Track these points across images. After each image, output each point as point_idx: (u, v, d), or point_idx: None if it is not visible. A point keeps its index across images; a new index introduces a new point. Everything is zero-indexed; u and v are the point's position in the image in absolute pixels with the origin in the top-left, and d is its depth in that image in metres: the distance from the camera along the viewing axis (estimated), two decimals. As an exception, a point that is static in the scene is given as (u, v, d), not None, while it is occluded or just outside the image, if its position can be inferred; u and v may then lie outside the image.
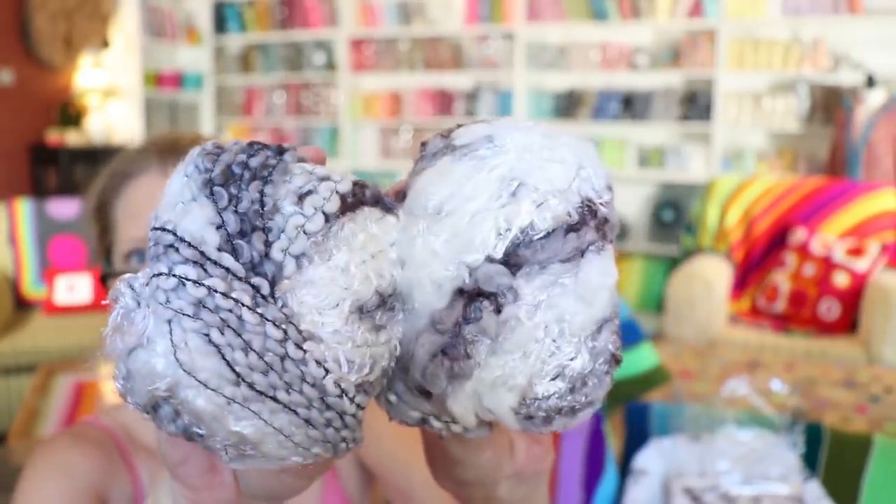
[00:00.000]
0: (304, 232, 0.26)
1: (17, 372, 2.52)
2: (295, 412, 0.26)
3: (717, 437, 1.28)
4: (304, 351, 0.26)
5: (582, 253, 0.29)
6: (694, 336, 2.65)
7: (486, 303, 0.28)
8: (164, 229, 0.27)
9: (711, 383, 1.75)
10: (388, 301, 0.28)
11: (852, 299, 2.67)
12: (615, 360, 0.30)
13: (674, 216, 4.28)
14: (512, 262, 0.28)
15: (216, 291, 0.25)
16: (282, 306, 0.26)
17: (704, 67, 4.03)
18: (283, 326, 0.25)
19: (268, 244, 0.26)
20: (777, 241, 2.98)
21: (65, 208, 2.94)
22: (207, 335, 0.25)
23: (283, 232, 0.26)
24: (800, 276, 2.78)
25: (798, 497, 1.18)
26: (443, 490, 0.40)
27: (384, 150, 4.91)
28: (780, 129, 3.95)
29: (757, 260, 3.02)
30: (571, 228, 0.29)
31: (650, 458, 1.29)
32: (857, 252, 2.74)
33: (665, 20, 4.07)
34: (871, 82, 3.35)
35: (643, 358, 1.52)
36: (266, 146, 0.28)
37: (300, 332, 0.26)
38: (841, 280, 2.70)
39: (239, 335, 0.25)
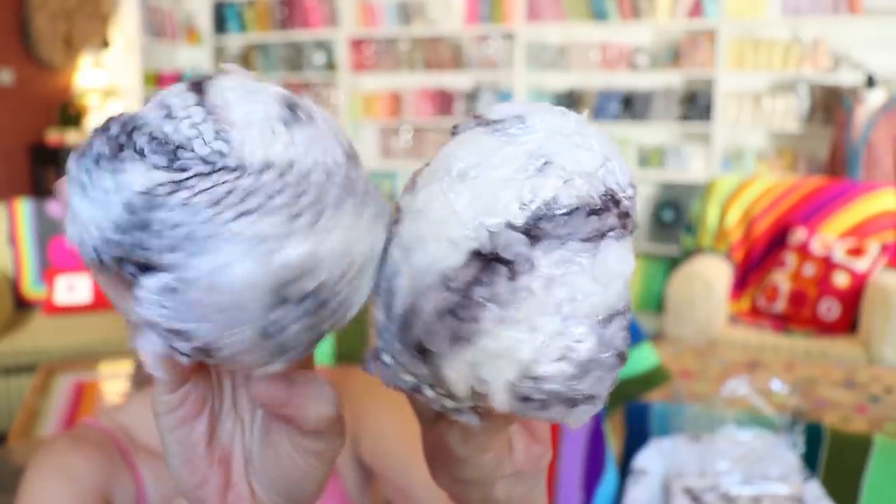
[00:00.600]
0: (197, 124, 0.28)
1: (17, 372, 2.52)
2: (346, 201, 0.28)
3: (717, 437, 1.28)
4: (297, 166, 0.28)
5: (602, 236, 0.29)
6: (694, 336, 2.65)
7: (501, 268, 0.28)
8: (130, 210, 0.27)
9: (711, 383, 1.75)
10: (293, 105, 0.30)
11: (852, 299, 2.67)
12: (621, 358, 0.30)
13: (674, 216, 4.28)
14: (532, 233, 0.28)
15: (205, 189, 0.27)
16: (249, 165, 0.27)
17: (704, 67, 4.03)
18: (269, 169, 0.27)
19: (192, 149, 0.27)
20: (777, 241, 2.98)
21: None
22: (243, 212, 0.26)
23: (188, 138, 0.28)
24: (800, 276, 2.78)
25: (798, 497, 1.18)
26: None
27: (384, 150, 4.92)
28: (780, 129, 3.95)
29: (757, 260, 3.03)
30: (594, 211, 0.29)
31: (650, 458, 1.29)
32: (857, 252, 2.74)
33: (665, 20, 4.07)
34: (871, 82, 3.35)
35: (643, 358, 1.52)
36: (99, 127, 0.30)
37: (283, 162, 0.28)
38: (841, 280, 2.70)
39: (259, 193, 0.27)
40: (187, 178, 0.27)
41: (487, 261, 0.28)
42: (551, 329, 0.28)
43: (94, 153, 0.28)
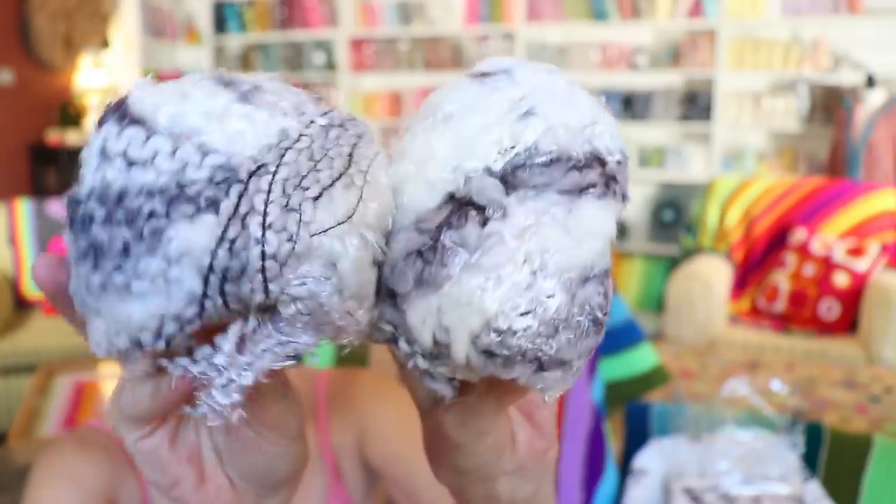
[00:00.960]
0: (173, 153, 0.25)
1: (17, 372, 2.52)
2: (359, 143, 0.28)
3: (717, 437, 1.28)
4: (296, 133, 0.27)
5: (581, 191, 0.28)
6: (694, 336, 2.65)
7: (473, 212, 0.27)
8: (212, 270, 0.24)
9: (711, 383, 1.75)
10: (229, 81, 0.28)
11: (852, 299, 2.67)
12: (597, 325, 0.28)
13: (674, 216, 4.28)
14: (508, 180, 0.27)
15: (264, 204, 0.25)
16: (260, 157, 0.26)
17: (704, 67, 4.03)
18: (287, 150, 0.26)
19: (193, 181, 0.25)
20: (777, 241, 2.98)
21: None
22: (314, 200, 0.25)
23: (177, 170, 0.25)
24: (800, 276, 2.78)
25: (798, 497, 1.18)
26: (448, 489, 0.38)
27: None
28: (780, 129, 3.95)
29: (757, 260, 3.03)
30: (575, 166, 0.28)
31: (650, 458, 1.29)
32: (857, 252, 2.74)
33: (665, 20, 4.07)
34: (871, 82, 3.35)
35: (643, 358, 1.52)
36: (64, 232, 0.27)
37: (282, 135, 0.27)
38: (841, 280, 2.70)
39: (306, 178, 0.26)
40: (237, 207, 0.25)
41: (461, 205, 0.27)
42: (519, 280, 0.26)
43: (116, 246, 0.24)
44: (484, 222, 0.27)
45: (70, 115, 4.45)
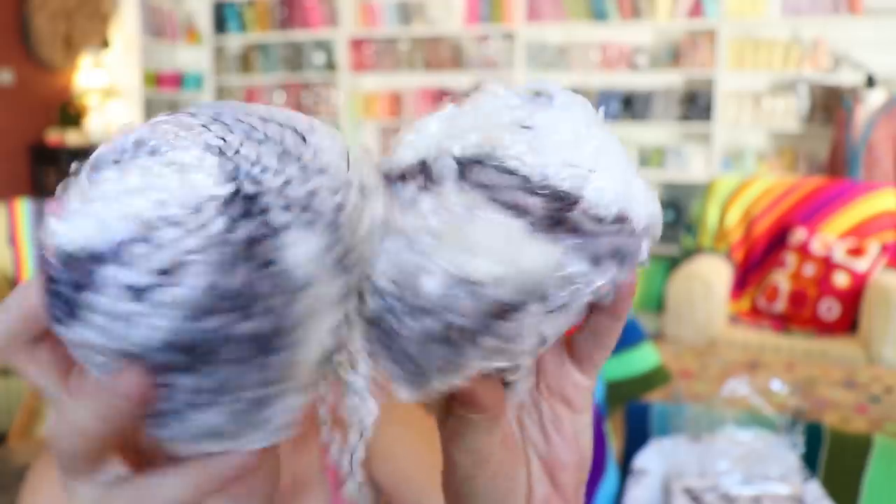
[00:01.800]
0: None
1: (18, 372, 2.52)
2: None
3: (717, 437, 1.28)
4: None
5: (514, 211, 0.27)
6: (694, 336, 2.65)
7: (422, 178, 0.29)
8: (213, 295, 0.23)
9: (711, 383, 1.75)
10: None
11: (852, 299, 2.67)
12: (455, 337, 0.27)
13: (674, 216, 4.28)
14: (465, 172, 0.28)
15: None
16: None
17: (704, 67, 4.03)
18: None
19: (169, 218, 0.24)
20: (777, 241, 2.98)
21: (65, 208, 2.93)
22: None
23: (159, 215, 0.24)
24: (800, 276, 2.78)
25: (798, 497, 1.18)
26: None
27: (384, 151, 4.89)
28: (780, 129, 3.95)
29: (757, 260, 3.03)
30: (526, 188, 0.27)
31: (650, 458, 1.29)
32: (857, 252, 2.74)
33: (665, 20, 4.07)
34: (871, 82, 3.35)
35: (643, 358, 1.52)
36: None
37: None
38: (841, 280, 2.70)
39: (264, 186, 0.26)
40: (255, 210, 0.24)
41: (422, 170, 0.29)
42: (408, 253, 0.27)
43: (123, 286, 0.23)
44: (424, 186, 0.28)
45: (70, 115, 4.45)
